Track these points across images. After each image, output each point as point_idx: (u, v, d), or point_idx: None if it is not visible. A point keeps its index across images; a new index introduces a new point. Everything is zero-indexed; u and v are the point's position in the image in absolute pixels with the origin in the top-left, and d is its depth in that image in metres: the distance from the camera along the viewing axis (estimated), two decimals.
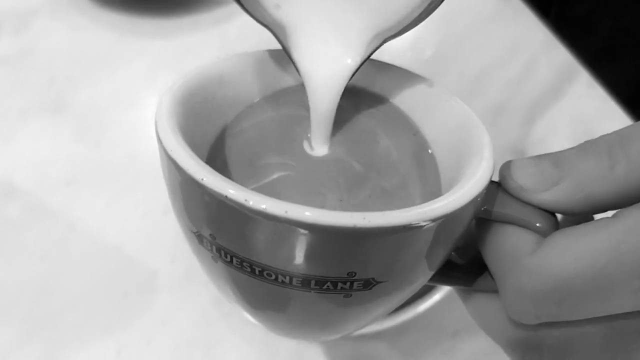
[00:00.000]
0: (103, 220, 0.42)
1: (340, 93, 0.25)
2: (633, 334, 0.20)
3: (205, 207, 0.20)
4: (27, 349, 0.37)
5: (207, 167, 0.19)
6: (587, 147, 0.20)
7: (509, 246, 0.20)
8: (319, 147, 0.25)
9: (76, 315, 0.38)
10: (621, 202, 0.19)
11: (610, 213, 0.20)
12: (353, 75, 0.24)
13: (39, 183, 0.43)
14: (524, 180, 0.21)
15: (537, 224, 0.21)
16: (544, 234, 0.20)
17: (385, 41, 0.24)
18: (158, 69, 0.51)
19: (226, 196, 0.18)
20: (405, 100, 0.27)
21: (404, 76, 0.27)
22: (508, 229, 0.21)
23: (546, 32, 0.54)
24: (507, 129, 0.48)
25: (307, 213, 0.18)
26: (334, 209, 0.23)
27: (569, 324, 0.20)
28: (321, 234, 0.18)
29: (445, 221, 0.20)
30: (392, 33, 0.24)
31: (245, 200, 0.18)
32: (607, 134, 0.20)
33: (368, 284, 0.21)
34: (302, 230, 0.18)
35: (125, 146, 0.46)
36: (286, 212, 0.18)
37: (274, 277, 0.21)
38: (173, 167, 0.20)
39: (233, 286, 0.23)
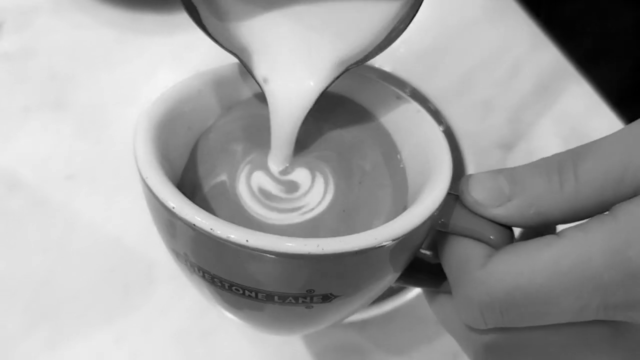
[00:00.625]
0: (103, 214, 0.43)
1: (302, 117, 0.25)
2: (577, 341, 0.21)
3: (177, 231, 0.22)
4: (29, 339, 0.38)
5: (178, 193, 0.21)
6: (540, 165, 0.21)
7: (462, 258, 0.22)
8: (278, 166, 0.26)
9: (77, 306, 0.39)
10: (571, 218, 0.21)
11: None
12: (316, 99, 0.25)
13: (41, 178, 0.44)
14: (479, 195, 0.22)
15: (491, 237, 0.22)
16: (497, 246, 0.22)
17: (348, 68, 0.25)
18: (158, 66, 0.52)
19: (194, 224, 0.20)
20: (380, 112, 0.28)
21: (381, 89, 0.28)
22: (462, 242, 0.22)
23: (536, 31, 0.55)
24: (495, 126, 0.48)
25: (266, 241, 0.20)
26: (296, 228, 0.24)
27: (518, 329, 0.22)
28: (279, 260, 0.20)
29: (397, 243, 0.21)
30: (356, 60, 0.25)
31: (211, 229, 0.20)
32: (561, 152, 0.21)
33: (327, 298, 0.23)
34: (262, 256, 0.20)
35: (126, 142, 0.46)
36: (247, 240, 0.20)
37: (241, 292, 0.23)
38: (148, 192, 0.22)
39: (209, 295, 0.25)
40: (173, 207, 0.21)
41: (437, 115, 0.42)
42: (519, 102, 0.50)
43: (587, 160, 0.20)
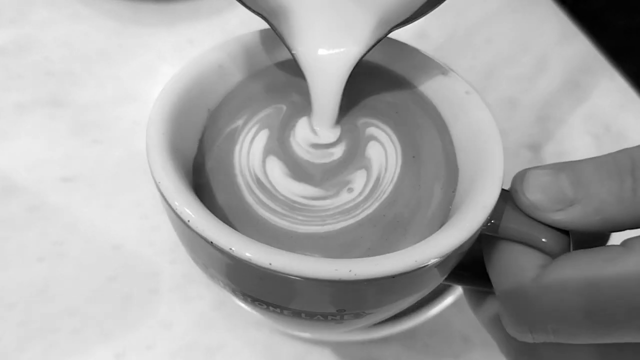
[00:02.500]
0: (102, 220, 0.41)
1: (343, 83, 0.23)
2: (629, 353, 0.19)
3: (197, 245, 0.20)
4: (25, 354, 0.36)
5: (195, 202, 0.20)
6: (609, 163, 0.19)
7: (512, 267, 0.20)
8: (324, 132, 0.24)
9: (75, 319, 0.37)
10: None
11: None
12: (357, 63, 0.23)
13: (36, 181, 0.42)
14: (537, 197, 0.20)
15: (546, 244, 0.20)
16: (553, 254, 0.20)
17: (392, 29, 0.22)
18: (160, 60, 0.50)
19: (212, 242, 0.18)
20: (433, 92, 0.26)
21: (426, 62, 0.26)
22: (513, 248, 0.20)
23: (564, 20, 0.52)
24: (522, 125, 0.46)
25: (292, 264, 0.18)
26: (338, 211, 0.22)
27: (569, 345, 0.20)
28: (306, 283, 0.18)
29: (441, 261, 0.19)
30: (400, 20, 0.22)
31: (231, 249, 0.18)
32: (631, 149, 0.19)
33: (359, 315, 0.22)
34: (286, 278, 0.18)
35: (126, 142, 0.44)
36: (270, 264, 0.18)
37: (265, 307, 0.21)
38: (163, 200, 0.20)
39: (235, 299, 0.24)
40: (188, 221, 0.19)
41: None
42: (548, 99, 0.47)
43: None
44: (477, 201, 0.20)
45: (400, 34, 0.24)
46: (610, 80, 0.48)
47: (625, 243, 0.18)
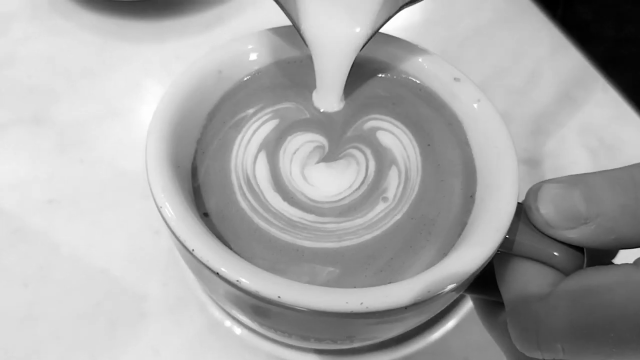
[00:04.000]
0: (88, 242, 0.39)
1: (350, 62, 0.24)
2: None
3: (201, 272, 0.20)
4: None
5: (200, 228, 0.19)
6: (623, 179, 0.18)
7: (523, 285, 0.20)
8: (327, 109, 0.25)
9: (61, 345, 0.36)
10: None
11: None
12: (365, 44, 0.24)
13: (19, 202, 0.41)
14: (550, 214, 0.19)
15: (560, 262, 0.20)
16: (566, 272, 0.19)
17: (401, 8, 0.23)
18: (146, 77, 0.49)
19: (217, 273, 0.18)
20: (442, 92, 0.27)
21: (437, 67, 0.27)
22: (526, 266, 0.20)
23: (556, 33, 0.52)
24: (517, 139, 0.45)
25: (302, 297, 0.17)
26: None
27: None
28: (316, 315, 0.18)
29: (451, 290, 0.19)
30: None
31: (237, 280, 0.18)
32: None
33: (369, 338, 0.22)
34: (295, 310, 0.18)
35: (112, 161, 0.43)
36: (279, 297, 0.17)
37: (274, 332, 0.21)
38: (168, 228, 0.20)
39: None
40: (193, 250, 0.19)
41: None
42: (541, 112, 0.47)
43: None
44: (492, 221, 0.20)
45: None
46: (602, 92, 0.48)
47: (638, 262, 0.18)
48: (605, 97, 0.48)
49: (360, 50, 0.24)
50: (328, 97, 0.25)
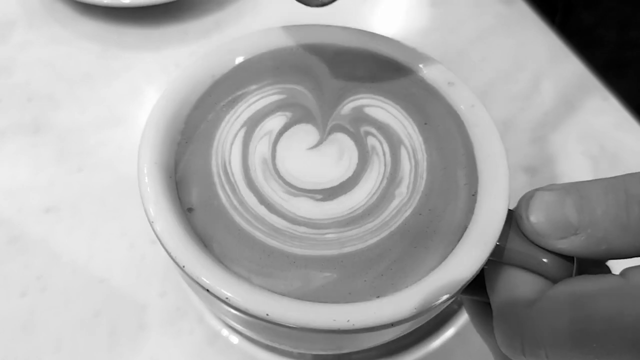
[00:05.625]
0: (87, 251, 0.39)
1: None
2: None
3: (194, 286, 0.20)
4: None
5: (191, 246, 0.19)
6: (615, 190, 0.18)
7: (511, 292, 0.20)
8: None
9: (59, 356, 0.35)
10: None
11: None
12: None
13: (17, 211, 0.41)
14: (541, 224, 0.19)
15: (549, 270, 0.20)
16: (555, 280, 0.20)
17: None
18: (145, 84, 0.49)
19: (207, 289, 0.18)
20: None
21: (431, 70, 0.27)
22: (515, 274, 0.20)
23: (555, 40, 0.52)
24: (516, 147, 0.45)
25: (290, 315, 0.18)
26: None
27: None
28: (304, 331, 0.18)
29: (437, 305, 0.19)
30: None
31: (227, 298, 0.18)
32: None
33: (359, 347, 0.22)
34: (284, 327, 0.18)
35: (111, 169, 0.43)
36: (267, 314, 0.18)
37: (264, 343, 0.23)
38: (159, 241, 0.20)
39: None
40: (184, 267, 0.19)
41: None
42: (541, 120, 0.47)
43: None
44: (480, 236, 0.20)
45: None
46: (603, 100, 0.48)
47: (624, 273, 0.18)
48: (605, 104, 0.47)
49: None
50: None
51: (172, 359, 0.36)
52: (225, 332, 0.35)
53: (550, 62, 0.51)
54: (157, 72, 0.49)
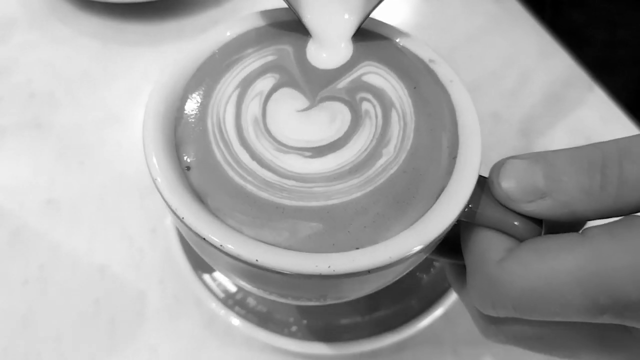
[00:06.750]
0: (87, 243, 0.40)
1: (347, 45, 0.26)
2: (590, 336, 0.21)
3: (192, 236, 0.22)
4: None
5: (189, 199, 0.21)
6: (582, 158, 0.20)
7: (482, 250, 0.21)
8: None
9: (60, 344, 0.36)
10: (607, 217, 0.20)
11: None
12: (358, 28, 0.27)
13: (20, 205, 0.42)
14: (511, 188, 0.21)
15: (518, 231, 0.21)
16: (522, 238, 0.21)
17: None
18: (143, 80, 0.50)
19: (204, 238, 0.21)
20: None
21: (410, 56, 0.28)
22: (485, 234, 0.22)
23: (545, 37, 0.53)
24: (507, 138, 0.46)
25: (277, 260, 0.20)
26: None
27: (530, 320, 0.21)
28: (289, 277, 0.21)
29: (410, 256, 0.21)
30: None
31: (221, 245, 0.20)
32: (606, 143, 0.20)
33: (341, 297, 0.24)
34: (272, 273, 0.20)
35: (111, 164, 0.44)
36: (257, 260, 0.20)
37: (255, 288, 0.24)
38: (160, 196, 0.22)
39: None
40: (183, 218, 0.21)
41: None
42: (530, 113, 0.48)
43: (633, 158, 0.19)
44: (453, 196, 0.22)
45: None
46: (590, 94, 0.49)
47: (584, 232, 0.19)
48: (592, 98, 0.48)
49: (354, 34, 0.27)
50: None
51: (171, 345, 0.36)
52: (223, 316, 0.36)
53: (540, 58, 0.52)
54: (154, 68, 0.50)
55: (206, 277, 0.37)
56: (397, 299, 0.36)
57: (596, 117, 0.47)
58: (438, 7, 0.55)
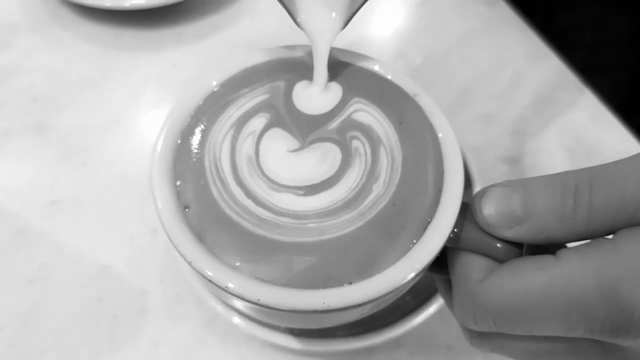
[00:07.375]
0: (89, 242, 0.41)
1: (331, 40, 0.28)
2: (566, 350, 0.23)
3: (199, 276, 0.23)
4: None
5: (193, 240, 0.23)
6: (555, 185, 0.22)
7: (465, 272, 0.23)
8: (319, 87, 0.28)
9: (64, 341, 0.37)
10: (580, 240, 0.22)
11: None
12: (343, 27, 0.28)
13: (23, 206, 0.42)
14: (491, 216, 0.23)
15: (499, 254, 0.23)
16: (503, 261, 0.23)
17: (363, 4, 0.27)
18: (144, 85, 0.50)
19: (210, 280, 0.22)
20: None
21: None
22: (467, 256, 0.23)
23: (536, 40, 0.54)
24: (498, 139, 0.47)
25: (276, 300, 0.21)
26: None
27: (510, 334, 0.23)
28: (289, 312, 0.22)
29: (399, 288, 0.22)
30: None
31: (226, 286, 0.22)
32: (578, 172, 0.22)
33: (338, 323, 0.25)
34: (273, 309, 0.22)
35: (112, 166, 0.45)
36: (258, 300, 0.22)
37: (259, 324, 0.27)
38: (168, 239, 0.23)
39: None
40: (191, 262, 0.22)
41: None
42: (521, 114, 0.49)
43: (603, 186, 0.21)
44: (441, 227, 0.23)
45: (382, 53, 0.26)
46: (580, 95, 0.50)
47: (557, 253, 0.21)
48: (582, 99, 0.49)
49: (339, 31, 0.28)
50: (319, 76, 0.28)
51: (172, 341, 0.37)
52: (223, 314, 0.37)
53: (530, 60, 0.53)
54: (155, 73, 0.51)
55: None
56: None
57: (586, 118, 0.48)
58: (432, 11, 0.56)
